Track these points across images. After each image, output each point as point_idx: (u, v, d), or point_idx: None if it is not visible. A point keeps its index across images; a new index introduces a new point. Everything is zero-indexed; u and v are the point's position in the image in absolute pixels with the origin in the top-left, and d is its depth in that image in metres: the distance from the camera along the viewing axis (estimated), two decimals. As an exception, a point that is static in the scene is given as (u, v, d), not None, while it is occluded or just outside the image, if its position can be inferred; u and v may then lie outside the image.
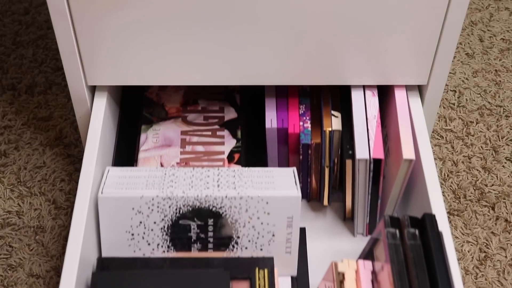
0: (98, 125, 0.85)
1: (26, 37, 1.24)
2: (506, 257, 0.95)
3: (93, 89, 0.88)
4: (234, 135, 0.90)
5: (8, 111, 1.12)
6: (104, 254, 0.79)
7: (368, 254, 0.78)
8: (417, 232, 0.71)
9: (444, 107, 1.14)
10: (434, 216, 0.72)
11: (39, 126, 1.10)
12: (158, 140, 0.89)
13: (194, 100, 0.94)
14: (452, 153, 1.08)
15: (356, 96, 0.87)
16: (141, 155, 0.88)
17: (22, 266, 0.94)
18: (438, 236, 0.70)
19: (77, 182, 1.00)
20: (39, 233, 0.97)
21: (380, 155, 0.82)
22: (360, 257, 0.82)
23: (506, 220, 0.99)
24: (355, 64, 0.83)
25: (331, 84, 0.87)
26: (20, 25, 1.26)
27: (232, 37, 0.80)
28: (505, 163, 1.06)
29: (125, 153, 0.92)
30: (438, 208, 0.78)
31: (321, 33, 0.79)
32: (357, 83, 0.86)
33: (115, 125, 0.94)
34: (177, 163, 0.87)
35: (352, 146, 0.85)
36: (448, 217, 0.99)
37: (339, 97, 0.89)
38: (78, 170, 1.03)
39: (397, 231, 0.72)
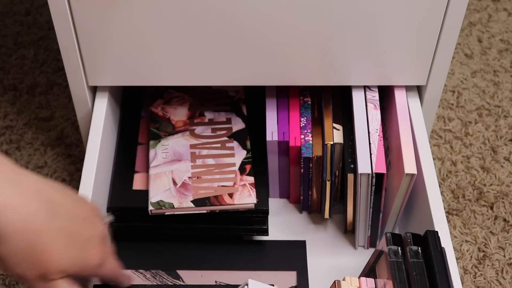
0: (99, 125, 0.86)
1: (27, 37, 1.24)
2: (504, 256, 0.96)
3: (94, 90, 0.89)
4: (243, 146, 0.90)
5: (9, 112, 1.12)
6: None
7: (370, 271, 0.78)
8: (419, 249, 0.71)
9: (443, 107, 1.15)
10: (436, 232, 0.72)
11: (40, 126, 1.11)
12: (168, 155, 0.89)
13: (200, 113, 0.94)
14: (451, 153, 1.08)
15: (357, 97, 0.87)
16: (151, 172, 0.87)
17: (24, 266, 0.94)
18: (441, 253, 0.70)
19: (78, 182, 1.00)
20: (41, 232, 0.98)
21: (382, 169, 0.82)
22: (363, 272, 0.82)
23: (504, 220, 1.00)
24: (354, 65, 0.83)
25: (330, 85, 0.88)
26: (21, 25, 1.26)
27: (232, 38, 0.80)
28: (504, 163, 1.07)
29: (127, 153, 0.92)
30: (440, 223, 0.78)
31: (321, 34, 0.80)
32: (357, 83, 0.86)
33: (116, 125, 0.94)
34: (189, 177, 0.86)
35: (354, 160, 0.84)
36: (447, 217, 0.99)
37: (340, 110, 0.89)
38: (79, 170, 1.03)
39: (399, 249, 0.72)
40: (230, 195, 0.85)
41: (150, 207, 0.84)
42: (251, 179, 0.86)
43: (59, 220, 0.59)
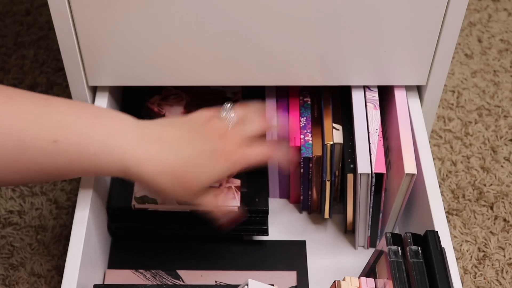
0: (99, 125, 0.86)
1: (27, 37, 1.24)
2: (504, 256, 0.96)
3: (94, 90, 0.89)
4: None
5: (9, 112, 1.12)
6: None
7: (370, 271, 0.78)
8: (419, 249, 0.71)
9: (443, 107, 1.15)
10: (436, 232, 0.72)
11: (40, 126, 1.10)
12: None
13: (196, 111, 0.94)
14: (451, 153, 1.08)
15: (357, 97, 0.87)
16: None
17: (24, 265, 0.94)
18: (441, 253, 0.70)
19: (78, 182, 1.00)
20: (41, 232, 0.98)
21: (382, 169, 0.81)
22: (363, 272, 0.82)
23: (504, 220, 1.00)
24: (354, 65, 0.83)
25: (330, 85, 0.88)
26: (21, 25, 1.26)
27: (232, 38, 0.80)
28: (504, 163, 1.07)
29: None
30: (440, 223, 0.77)
31: (320, 34, 0.80)
32: (357, 83, 0.86)
33: (116, 125, 0.94)
34: None
35: (353, 160, 0.84)
36: (447, 217, 0.99)
37: (340, 110, 0.89)
38: (79, 170, 1.03)
39: (399, 249, 0.72)
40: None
41: (133, 202, 0.84)
42: (237, 181, 0.86)
43: (182, 151, 0.72)
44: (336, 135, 0.86)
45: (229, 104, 0.78)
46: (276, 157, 0.81)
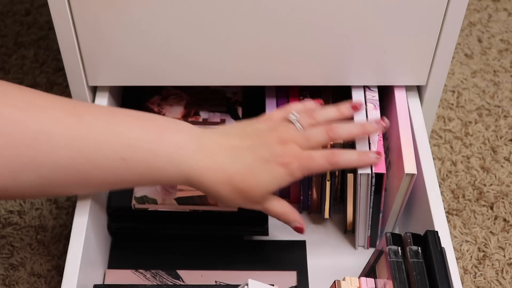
0: (99, 125, 0.86)
1: (27, 37, 1.24)
2: (504, 256, 0.96)
3: (94, 90, 0.89)
4: None
5: (9, 112, 1.12)
6: None
7: (370, 271, 0.78)
8: (419, 249, 0.71)
9: (443, 107, 1.15)
10: (436, 232, 0.72)
11: (40, 126, 1.10)
12: None
13: (195, 112, 0.94)
14: (451, 153, 1.08)
15: (357, 97, 0.87)
16: None
17: (24, 265, 0.94)
18: (441, 253, 0.70)
19: (78, 182, 1.00)
20: (41, 232, 0.98)
21: (382, 169, 0.81)
22: (363, 272, 0.82)
23: (504, 220, 1.00)
24: (354, 65, 0.83)
25: (330, 85, 0.88)
26: (21, 25, 1.26)
27: (232, 37, 0.80)
28: (504, 163, 1.07)
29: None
30: (440, 223, 0.77)
31: (321, 34, 0.80)
32: (356, 83, 0.86)
33: (116, 125, 0.94)
34: None
35: None
36: (447, 217, 0.99)
37: None
38: (79, 170, 1.03)
39: (399, 249, 0.72)
40: None
41: (133, 202, 0.84)
42: None
43: (240, 159, 0.73)
44: (336, 135, 0.86)
45: (296, 114, 0.77)
46: (341, 164, 0.77)
